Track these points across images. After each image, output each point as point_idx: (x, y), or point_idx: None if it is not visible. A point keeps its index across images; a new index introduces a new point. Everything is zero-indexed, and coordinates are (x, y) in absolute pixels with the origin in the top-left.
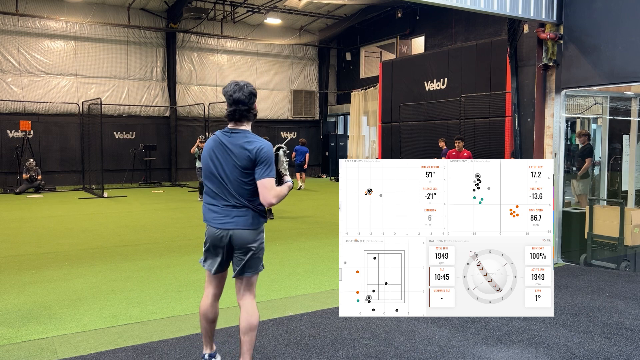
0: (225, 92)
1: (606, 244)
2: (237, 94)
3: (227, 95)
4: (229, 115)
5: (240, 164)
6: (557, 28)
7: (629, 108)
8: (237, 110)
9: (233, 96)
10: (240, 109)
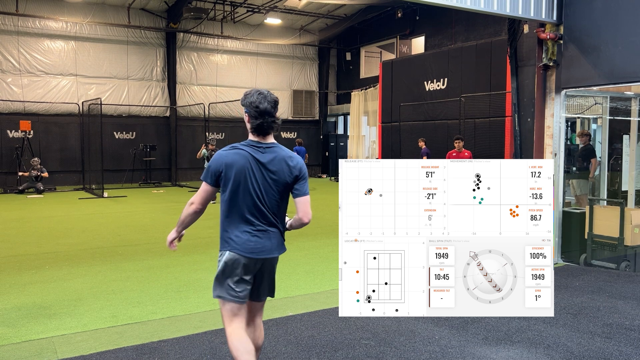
0: (250, 103)
1: (606, 244)
2: (263, 105)
3: (252, 107)
4: (256, 128)
5: (282, 181)
6: (557, 28)
7: (629, 108)
8: (265, 123)
9: (260, 107)
10: (268, 120)
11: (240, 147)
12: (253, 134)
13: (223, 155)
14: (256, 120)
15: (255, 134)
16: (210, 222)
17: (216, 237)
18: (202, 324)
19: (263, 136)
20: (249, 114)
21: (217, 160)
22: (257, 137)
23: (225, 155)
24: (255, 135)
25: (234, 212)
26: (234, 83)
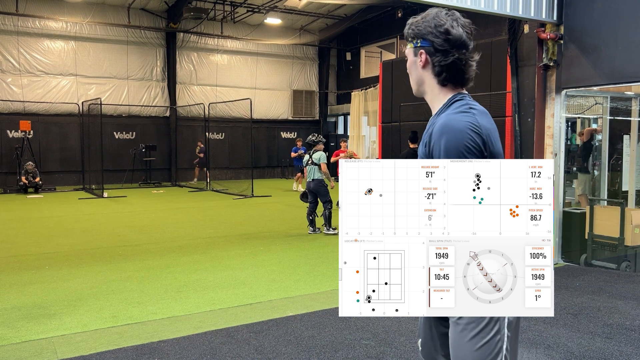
0: (436, 28)
1: (606, 244)
2: (457, 30)
3: (438, 34)
4: (454, 73)
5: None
6: (557, 28)
7: (630, 108)
8: (465, 60)
9: (452, 34)
10: (467, 57)
11: (480, 108)
12: (444, 84)
13: (485, 133)
14: (447, 56)
15: (449, 83)
16: (211, 223)
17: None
18: (202, 324)
19: (462, 87)
20: (434, 46)
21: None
22: (453, 90)
23: (486, 130)
24: (449, 86)
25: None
26: (234, 83)
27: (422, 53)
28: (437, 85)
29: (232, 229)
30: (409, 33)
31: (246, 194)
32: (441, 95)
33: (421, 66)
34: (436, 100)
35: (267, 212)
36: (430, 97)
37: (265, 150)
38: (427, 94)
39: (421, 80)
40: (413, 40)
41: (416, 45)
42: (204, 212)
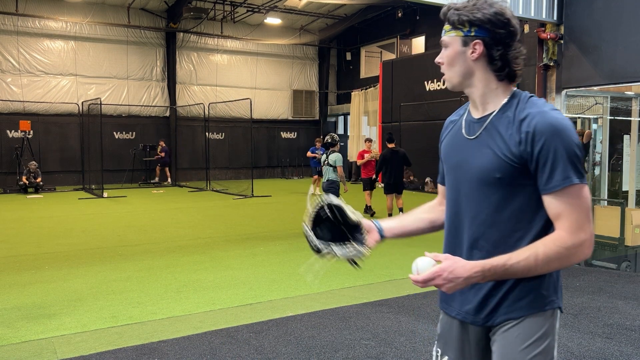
0: (495, 16)
1: (607, 244)
2: (516, 22)
3: (499, 22)
4: (509, 68)
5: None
6: (557, 28)
7: (630, 108)
8: (520, 54)
9: (513, 24)
10: (522, 51)
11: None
12: (502, 79)
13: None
14: (509, 49)
15: (506, 78)
16: (211, 223)
17: (216, 237)
18: (202, 325)
19: (512, 83)
20: (494, 37)
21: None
22: (510, 85)
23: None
24: (506, 81)
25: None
26: (234, 83)
27: (478, 43)
28: (495, 80)
29: (232, 229)
30: (457, 19)
31: (246, 194)
32: (499, 90)
33: (474, 58)
34: (492, 95)
35: (267, 212)
36: (482, 91)
37: (265, 150)
38: (476, 87)
39: (470, 73)
40: (463, 28)
41: (468, 33)
42: (204, 212)
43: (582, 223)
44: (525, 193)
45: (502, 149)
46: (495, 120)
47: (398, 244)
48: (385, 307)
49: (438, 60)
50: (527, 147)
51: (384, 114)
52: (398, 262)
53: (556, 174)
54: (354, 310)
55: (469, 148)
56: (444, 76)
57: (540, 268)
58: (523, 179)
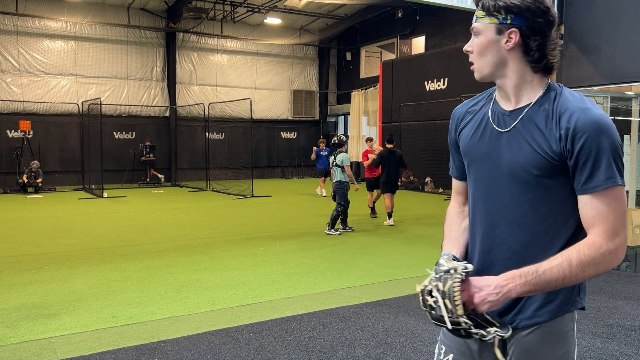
0: (535, 3)
1: None
2: (554, 10)
3: (537, 10)
4: (546, 59)
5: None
6: (557, 28)
7: (630, 108)
8: (556, 45)
9: (552, 12)
10: (558, 42)
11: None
12: (538, 71)
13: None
14: (548, 40)
15: (542, 71)
16: (211, 223)
17: (216, 237)
18: (202, 325)
19: (548, 75)
20: (532, 26)
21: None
22: (545, 77)
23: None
24: (541, 73)
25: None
26: (234, 83)
27: (515, 32)
28: (530, 72)
29: (232, 229)
30: (493, 5)
31: (246, 194)
32: (535, 82)
33: (509, 47)
34: (527, 86)
35: (267, 212)
36: (517, 82)
37: (265, 150)
38: (510, 78)
39: (503, 64)
40: (498, 15)
41: (504, 21)
42: (204, 212)
43: (618, 228)
44: (560, 194)
45: (541, 145)
46: (533, 113)
47: (398, 243)
48: (385, 307)
49: (467, 48)
50: (567, 144)
51: (384, 114)
52: (398, 262)
53: (598, 174)
54: (354, 310)
55: (500, 141)
56: (472, 66)
57: (574, 275)
58: (560, 178)
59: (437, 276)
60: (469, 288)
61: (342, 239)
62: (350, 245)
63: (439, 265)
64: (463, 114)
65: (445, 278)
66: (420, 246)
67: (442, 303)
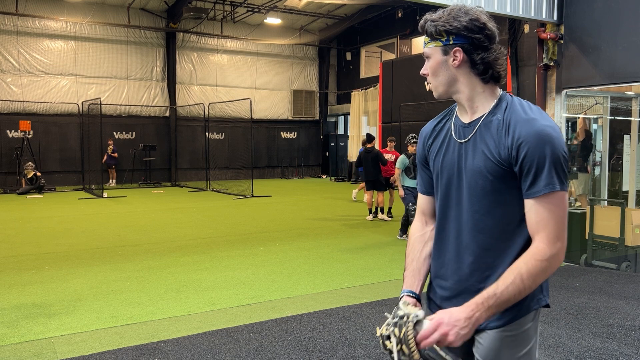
0: (472, 23)
1: (607, 245)
2: (493, 25)
3: (475, 28)
4: (494, 70)
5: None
6: (557, 28)
7: (630, 108)
8: (502, 55)
9: (490, 28)
10: (504, 53)
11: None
12: (488, 81)
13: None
14: (490, 52)
15: (491, 80)
16: (211, 223)
17: (216, 237)
18: (202, 325)
19: (497, 84)
20: (473, 43)
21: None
22: (495, 87)
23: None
24: (491, 84)
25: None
26: (233, 83)
27: (458, 51)
28: (480, 83)
29: (232, 229)
30: (435, 30)
31: (246, 194)
32: (486, 92)
33: (456, 65)
34: (479, 98)
35: (267, 212)
36: (469, 95)
37: (265, 150)
38: (463, 92)
39: (454, 80)
40: (441, 38)
41: (447, 43)
42: (204, 212)
43: (560, 232)
44: (512, 198)
45: (492, 151)
46: (487, 123)
47: (397, 244)
48: (385, 307)
49: (423, 72)
50: (513, 152)
51: (384, 114)
52: (398, 262)
53: (540, 180)
54: (354, 310)
55: (461, 151)
56: (429, 85)
57: (528, 287)
58: (511, 182)
59: (394, 321)
60: (441, 327)
61: (342, 239)
62: (350, 245)
63: (397, 309)
64: (430, 131)
65: (400, 325)
66: None
67: (399, 349)
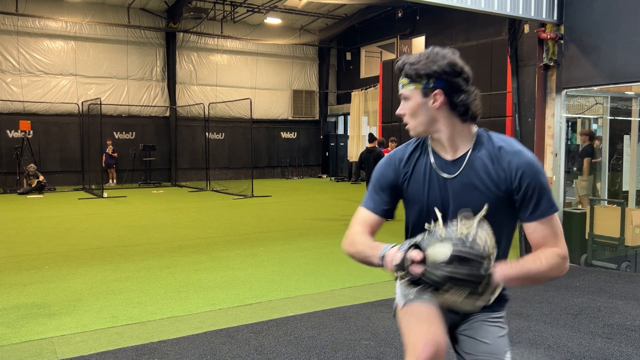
0: (450, 66)
1: (607, 245)
2: (467, 67)
3: (453, 73)
4: (471, 109)
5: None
6: (557, 28)
7: (630, 108)
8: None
9: (466, 71)
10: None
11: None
12: (466, 120)
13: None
14: (469, 95)
15: (470, 121)
16: (211, 223)
17: (216, 237)
18: (202, 325)
19: (474, 122)
20: (452, 86)
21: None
22: (472, 124)
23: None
24: (470, 121)
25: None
26: (234, 83)
27: (439, 93)
28: (460, 123)
29: (232, 229)
30: (415, 73)
31: (246, 194)
32: (466, 131)
33: (436, 107)
34: (460, 137)
35: (267, 212)
36: (450, 134)
37: (265, 150)
38: (443, 132)
39: (434, 121)
40: (421, 81)
41: (427, 85)
42: (204, 212)
43: (564, 244)
44: (507, 222)
45: (487, 184)
46: (475, 159)
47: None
48: (385, 307)
49: (400, 112)
50: (515, 182)
51: (384, 114)
52: None
53: (542, 204)
54: (354, 310)
55: (448, 186)
56: (407, 125)
57: (545, 272)
58: (503, 210)
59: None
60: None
61: (342, 239)
62: None
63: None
64: (405, 159)
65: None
66: None
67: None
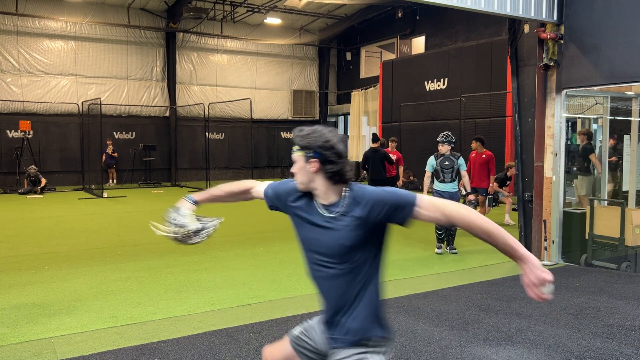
0: (326, 143)
1: (607, 245)
2: (340, 146)
3: (328, 149)
4: (347, 176)
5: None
6: (557, 28)
7: (630, 108)
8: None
9: (341, 149)
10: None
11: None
12: (337, 182)
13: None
14: (336, 165)
15: (340, 182)
16: None
17: (216, 237)
18: (202, 325)
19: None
20: (324, 158)
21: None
22: (341, 185)
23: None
24: (339, 184)
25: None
26: (234, 83)
27: (314, 162)
28: (331, 184)
29: (232, 229)
30: (300, 144)
31: None
32: (335, 189)
33: (313, 171)
34: (331, 191)
35: (267, 212)
36: (324, 190)
37: (265, 150)
38: (319, 189)
39: (313, 180)
40: (304, 151)
41: (307, 154)
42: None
43: (437, 201)
44: (366, 257)
45: (350, 225)
46: (345, 205)
47: (397, 244)
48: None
49: (292, 170)
50: (372, 211)
51: (384, 114)
52: (398, 262)
53: (402, 209)
54: None
55: (323, 224)
56: (297, 180)
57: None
58: (372, 239)
59: (175, 223)
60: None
61: None
62: None
63: (178, 213)
64: (293, 190)
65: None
66: (420, 246)
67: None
